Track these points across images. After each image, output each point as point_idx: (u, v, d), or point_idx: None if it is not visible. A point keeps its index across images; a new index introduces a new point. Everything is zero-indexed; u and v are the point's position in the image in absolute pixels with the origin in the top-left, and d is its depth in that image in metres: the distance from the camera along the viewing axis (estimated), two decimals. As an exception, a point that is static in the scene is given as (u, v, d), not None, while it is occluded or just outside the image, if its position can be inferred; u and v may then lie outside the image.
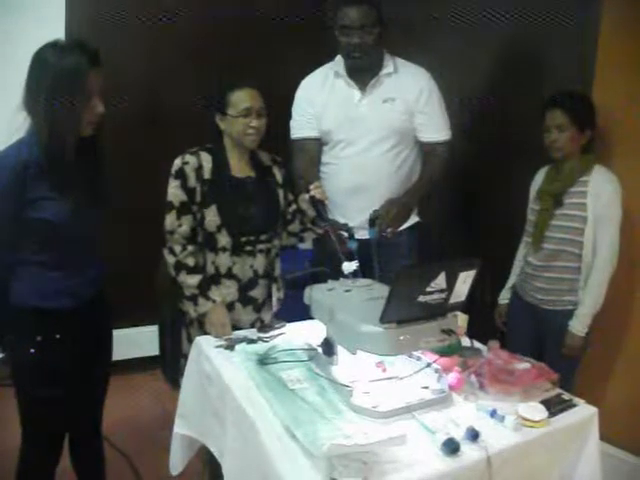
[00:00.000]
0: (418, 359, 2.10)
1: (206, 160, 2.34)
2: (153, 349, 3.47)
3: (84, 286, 2.05)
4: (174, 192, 2.30)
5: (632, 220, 2.53)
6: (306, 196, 2.32)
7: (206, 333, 2.30)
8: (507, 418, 1.85)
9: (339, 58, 2.75)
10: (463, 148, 2.96)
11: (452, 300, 1.85)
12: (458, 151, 2.85)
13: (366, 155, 2.69)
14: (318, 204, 2.28)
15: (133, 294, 3.23)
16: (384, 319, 1.75)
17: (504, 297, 2.82)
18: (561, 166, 2.54)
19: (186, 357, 2.29)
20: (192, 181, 2.29)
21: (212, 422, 2.09)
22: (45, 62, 1.86)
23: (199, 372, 2.20)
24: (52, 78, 1.84)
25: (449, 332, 1.86)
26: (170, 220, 2.31)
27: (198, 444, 2.29)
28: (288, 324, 2.37)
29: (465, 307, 2.13)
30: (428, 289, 1.76)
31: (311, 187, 2.28)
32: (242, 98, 2.31)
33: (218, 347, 2.19)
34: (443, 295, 1.81)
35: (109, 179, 2.08)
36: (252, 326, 2.40)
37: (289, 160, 2.69)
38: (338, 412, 1.81)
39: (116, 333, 3.32)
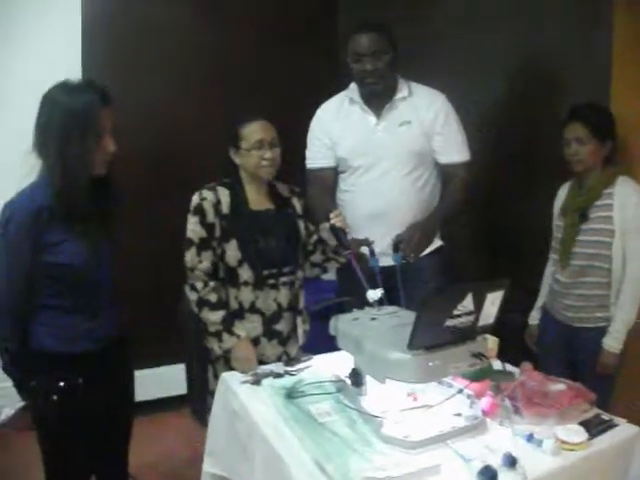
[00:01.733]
0: (449, 386, 2.03)
1: (224, 195, 2.32)
2: (181, 388, 3.48)
3: (105, 329, 2.01)
4: (193, 228, 2.28)
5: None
6: (327, 225, 2.28)
7: (232, 369, 2.26)
8: (545, 442, 1.77)
9: (353, 85, 2.74)
10: (483, 168, 2.91)
11: (481, 322, 1.79)
12: (479, 171, 2.80)
13: (385, 180, 2.65)
14: (339, 232, 2.24)
15: (158, 333, 3.22)
16: (412, 345, 1.70)
17: (534, 317, 2.74)
18: (584, 180, 2.48)
19: (213, 394, 2.24)
20: (211, 217, 2.27)
21: (241, 459, 2.02)
22: (55, 102, 1.84)
23: (226, 409, 2.15)
24: (63, 118, 1.82)
25: (479, 356, 1.79)
26: (190, 257, 2.29)
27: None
28: (315, 356, 2.31)
29: (495, 330, 2.09)
30: (455, 312, 1.71)
31: (331, 215, 2.25)
32: (254, 130, 2.30)
33: (244, 382, 2.14)
34: (471, 317, 1.75)
35: (121, 218, 2.06)
36: (278, 360, 2.34)
37: (305, 190, 2.66)
38: (369, 444, 1.74)
39: (142, 373, 3.33)
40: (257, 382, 2.12)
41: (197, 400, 2.57)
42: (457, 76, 3.02)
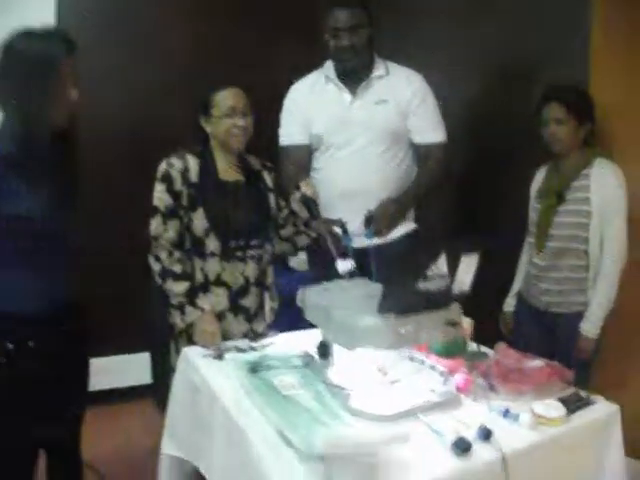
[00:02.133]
0: (422, 362, 1.93)
1: (193, 163, 2.21)
2: (146, 377, 3.34)
3: (60, 291, 1.87)
4: (160, 196, 2.17)
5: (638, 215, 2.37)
6: (297, 195, 2.18)
7: (195, 345, 2.12)
8: (522, 416, 1.66)
9: (329, 63, 2.66)
10: (459, 152, 2.83)
11: (456, 289, 1.69)
12: (454, 155, 2.71)
13: (359, 158, 2.56)
14: (310, 202, 2.14)
15: (124, 319, 3.08)
16: (382, 309, 1.59)
17: (509, 304, 2.64)
18: (562, 161, 2.40)
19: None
20: (178, 184, 2.16)
21: (201, 438, 1.89)
22: (15, 49, 1.72)
23: (186, 384, 2.01)
24: (23, 66, 1.70)
25: (453, 324, 1.69)
26: (155, 225, 2.16)
27: (189, 468, 2.09)
28: (282, 334, 2.19)
29: (470, 313, 1.99)
30: (429, 273, 1.61)
31: (302, 184, 2.15)
32: (226, 97, 2.20)
33: (206, 356, 2.01)
34: (445, 282, 1.64)
35: (81, 177, 1.93)
36: (244, 337, 2.20)
37: (278, 167, 2.55)
38: (336, 417, 1.61)
39: (107, 360, 3.18)
40: (219, 356, 1.99)
41: (162, 389, 2.42)
42: (434, 63, 2.93)
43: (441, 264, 1.60)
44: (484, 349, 2.08)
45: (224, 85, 2.22)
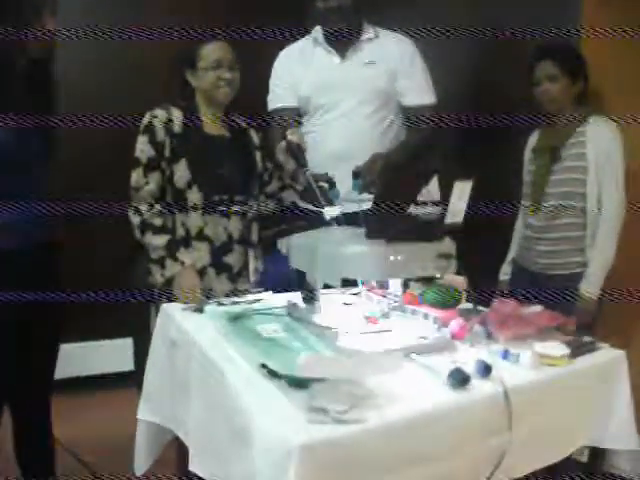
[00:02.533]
0: (413, 312, 1.79)
1: (176, 114, 2.11)
2: (129, 364, 3.16)
3: (30, 225, 1.73)
4: (141, 148, 2.07)
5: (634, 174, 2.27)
6: (283, 144, 2.07)
7: (176, 303, 1.98)
8: (522, 355, 1.52)
9: (317, 28, 2.58)
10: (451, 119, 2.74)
11: (448, 219, 1.55)
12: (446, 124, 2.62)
13: (349, 119, 2.47)
14: (296, 150, 2.02)
15: (105, 304, 2.94)
16: (370, 234, 1.46)
17: (505, 272, 2.51)
18: (556, 120, 2.30)
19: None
20: (161, 135, 2.06)
21: (177, 398, 1.73)
22: None
23: (164, 341, 1.86)
24: None
25: (446, 256, 1.55)
26: (136, 177, 2.06)
27: (166, 438, 1.93)
28: (267, 292, 2.05)
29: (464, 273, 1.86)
30: (420, 199, 1.48)
31: (287, 132, 2.05)
32: (212, 49, 2.12)
33: (185, 310, 1.87)
34: (437, 210, 1.52)
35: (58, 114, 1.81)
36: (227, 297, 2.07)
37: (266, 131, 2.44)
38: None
39: (88, 345, 3.03)
40: (199, 310, 1.84)
41: (142, 371, 2.27)
42: (425, 25, 2.86)
43: (433, 187, 1.47)
44: (480, 308, 1.95)
45: (210, 39, 2.14)
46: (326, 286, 1.78)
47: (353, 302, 1.93)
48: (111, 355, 3.19)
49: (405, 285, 1.86)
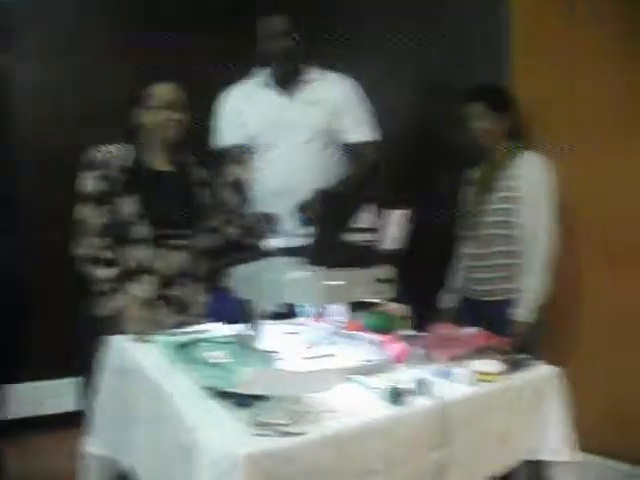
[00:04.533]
0: (358, 338, 1.84)
1: (124, 151, 2.16)
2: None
3: None
4: (88, 182, 2.10)
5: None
6: (230, 178, 2.13)
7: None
8: (460, 373, 1.58)
9: (263, 71, 2.67)
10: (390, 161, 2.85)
11: (386, 245, 1.63)
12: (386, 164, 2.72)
13: (293, 157, 2.54)
14: (243, 187, 2.09)
15: (52, 343, 2.89)
16: (313, 262, 1.52)
17: (446, 301, 2.59)
18: (490, 154, 2.44)
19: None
20: (108, 170, 2.10)
21: (126, 427, 1.72)
22: None
23: (111, 372, 1.85)
24: None
25: (386, 281, 1.62)
26: (84, 210, 2.08)
27: (114, 471, 1.92)
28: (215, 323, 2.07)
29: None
30: (357, 226, 1.55)
31: (235, 168, 2.12)
32: (164, 91, 2.19)
33: (134, 340, 1.87)
34: (374, 236, 1.59)
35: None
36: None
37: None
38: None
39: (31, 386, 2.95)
40: (148, 340, 1.86)
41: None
42: (362, 72, 2.97)
43: (368, 215, 1.55)
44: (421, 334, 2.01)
45: (163, 80, 2.21)
46: (276, 316, 1.83)
47: (299, 331, 1.97)
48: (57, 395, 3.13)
49: (351, 314, 1.93)
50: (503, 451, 1.63)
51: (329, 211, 1.51)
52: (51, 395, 3.11)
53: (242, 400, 1.33)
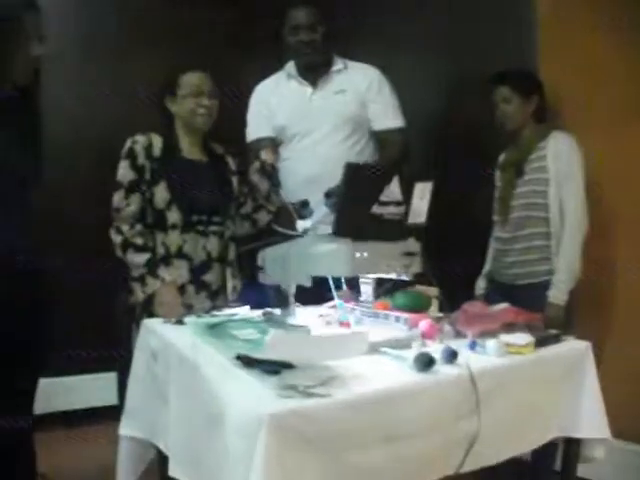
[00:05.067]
0: (385, 317, 1.84)
1: (156, 140, 2.21)
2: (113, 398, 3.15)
3: (10, 251, 1.72)
4: (123, 172, 2.16)
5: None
6: (257, 164, 2.16)
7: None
8: (488, 344, 1.57)
9: (290, 63, 2.73)
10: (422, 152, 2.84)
11: (411, 219, 1.63)
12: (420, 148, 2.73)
13: (322, 145, 2.58)
14: (269, 169, 2.12)
15: (89, 337, 2.97)
16: (337, 232, 1.53)
17: (479, 287, 2.57)
18: (518, 137, 2.42)
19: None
20: (141, 159, 2.16)
21: (157, 408, 1.74)
22: None
23: (145, 354, 1.89)
24: None
25: (412, 254, 1.62)
26: (118, 199, 2.15)
27: (149, 454, 1.95)
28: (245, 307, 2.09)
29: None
30: (383, 199, 1.56)
31: (261, 152, 2.14)
32: (193, 79, 2.23)
33: (166, 323, 1.90)
34: (400, 210, 1.59)
35: (43, 144, 1.86)
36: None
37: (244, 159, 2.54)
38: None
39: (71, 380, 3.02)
40: (180, 322, 1.88)
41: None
42: (391, 60, 2.99)
43: (394, 187, 1.56)
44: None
45: (192, 67, 2.25)
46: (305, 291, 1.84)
47: (328, 313, 1.98)
48: (96, 389, 3.19)
49: (377, 296, 1.93)
50: (534, 426, 1.61)
51: (354, 182, 1.51)
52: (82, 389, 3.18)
53: (270, 367, 1.35)
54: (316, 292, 2.00)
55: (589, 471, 2.09)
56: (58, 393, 3.03)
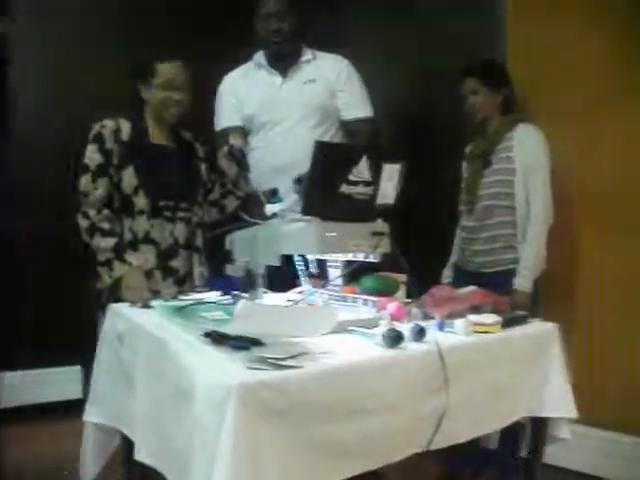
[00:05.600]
0: (353, 300, 1.83)
1: (125, 125, 2.19)
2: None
3: None
4: (90, 155, 2.13)
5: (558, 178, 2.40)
6: (225, 148, 2.15)
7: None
8: (456, 323, 1.58)
9: (259, 53, 2.72)
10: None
11: (379, 200, 1.63)
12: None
13: (291, 134, 2.58)
14: (237, 154, 2.11)
15: (54, 330, 2.91)
16: (306, 209, 1.52)
17: (446, 276, 2.59)
18: (486, 128, 2.45)
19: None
20: (109, 143, 2.13)
21: (123, 392, 1.72)
22: None
23: (111, 338, 1.86)
24: None
25: (379, 234, 1.62)
26: (85, 182, 2.12)
27: (113, 443, 1.92)
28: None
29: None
30: (351, 177, 1.55)
31: (230, 137, 2.13)
32: (168, 69, 2.20)
33: (133, 306, 1.88)
34: (369, 190, 1.59)
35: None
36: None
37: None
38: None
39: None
40: (147, 306, 1.85)
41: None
42: (360, 52, 2.99)
43: (362, 167, 1.55)
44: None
45: (169, 57, 2.22)
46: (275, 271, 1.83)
47: (296, 299, 1.97)
48: (60, 383, 3.13)
49: (346, 282, 1.93)
50: (502, 404, 1.62)
51: (323, 161, 1.51)
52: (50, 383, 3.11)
53: (239, 343, 1.33)
54: (285, 283, 2.02)
55: (553, 458, 2.12)
56: (19, 387, 2.96)
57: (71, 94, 3.16)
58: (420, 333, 1.46)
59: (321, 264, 1.90)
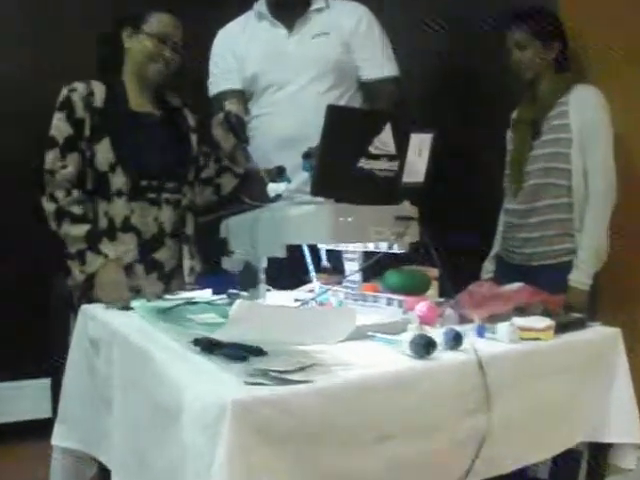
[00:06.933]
0: (374, 299, 1.81)
1: (98, 88, 2.17)
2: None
3: None
4: (58, 125, 2.12)
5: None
6: (220, 115, 2.14)
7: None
8: (500, 328, 1.55)
9: (261, 1, 2.69)
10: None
11: (406, 178, 1.60)
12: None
13: (301, 98, 2.54)
14: (235, 122, 2.09)
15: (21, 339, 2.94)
16: (316, 190, 1.49)
17: (487, 270, 2.58)
18: (535, 90, 2.42)
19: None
20: (80, 111, 2.12)
21: (99, 412, 1.72)
22: None
23: (84, 346, 1.86)
24: None
25: (407, 219, 1.59)
26: (52, 159, 2.11)
27: (89, 471, 1.93)
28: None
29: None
30: (372, 150, 1.52)
31: (226, 102, 2.11)
32: (165, 21, 2.20)
33: (109, 308, 1.87)
34: (393, 166, 1.56)
35: None
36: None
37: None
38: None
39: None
40: (126, 307, 1.85)
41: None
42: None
43: (386, 136, 1.52)
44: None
45: (167, 10, 2.22)
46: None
47: (305, 298, 1.95)
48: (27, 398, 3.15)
49: (365, 279, 1.91)
50: (555, 427, 1.60)
51: (338, 129, 1.47)
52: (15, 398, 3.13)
53: (235, 352, 1.32)
54: (292, 278, 2.00)
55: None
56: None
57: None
58: (456, 340, 1.44)
59: (335, 256, 1.88)
